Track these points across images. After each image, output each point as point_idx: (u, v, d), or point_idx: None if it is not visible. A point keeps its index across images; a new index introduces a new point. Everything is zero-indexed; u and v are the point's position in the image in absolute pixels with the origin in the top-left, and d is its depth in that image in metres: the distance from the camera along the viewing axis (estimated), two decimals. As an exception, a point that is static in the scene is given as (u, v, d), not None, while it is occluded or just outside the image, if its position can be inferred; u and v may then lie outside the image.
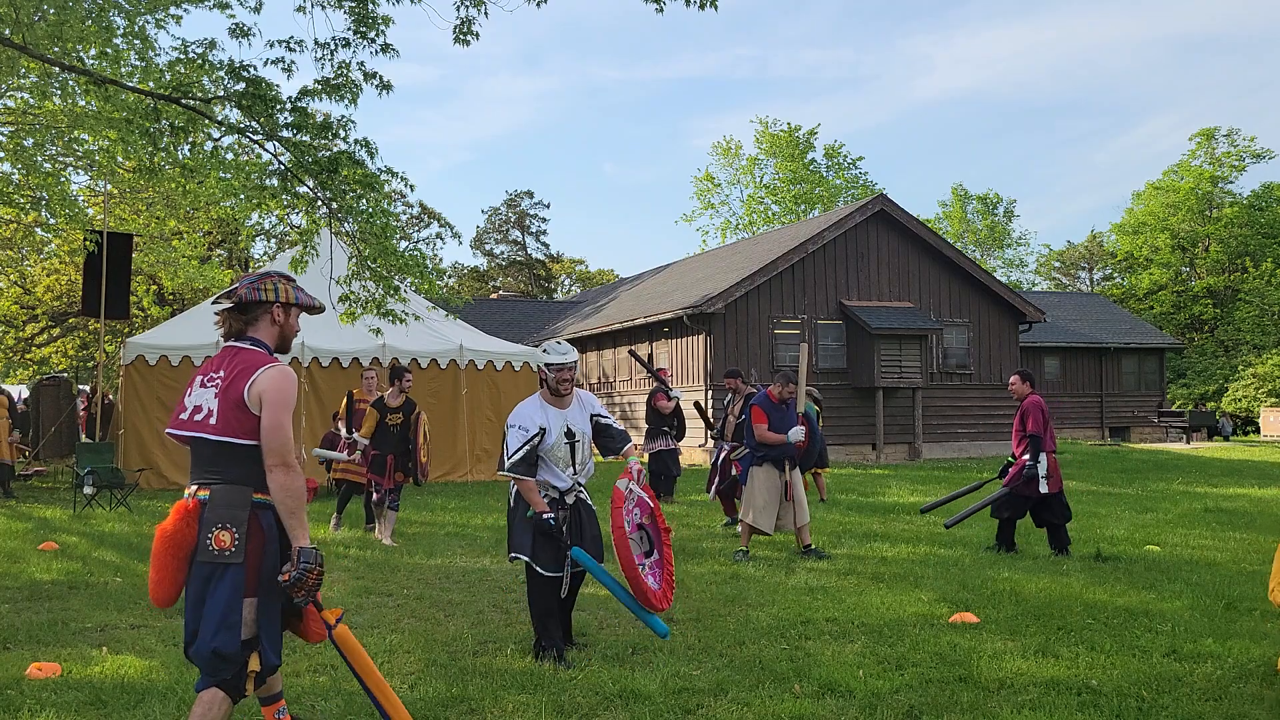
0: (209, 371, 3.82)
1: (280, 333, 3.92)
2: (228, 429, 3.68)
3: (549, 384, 5.77)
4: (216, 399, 3.72)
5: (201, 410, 3.74)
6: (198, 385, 3.81)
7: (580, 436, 5.75)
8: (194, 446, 3.77)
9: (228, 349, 3.85)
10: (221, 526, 3.61)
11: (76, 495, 13.39)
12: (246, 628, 3.61)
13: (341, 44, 9.92)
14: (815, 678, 5.18)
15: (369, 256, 11.23)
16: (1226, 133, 49.64)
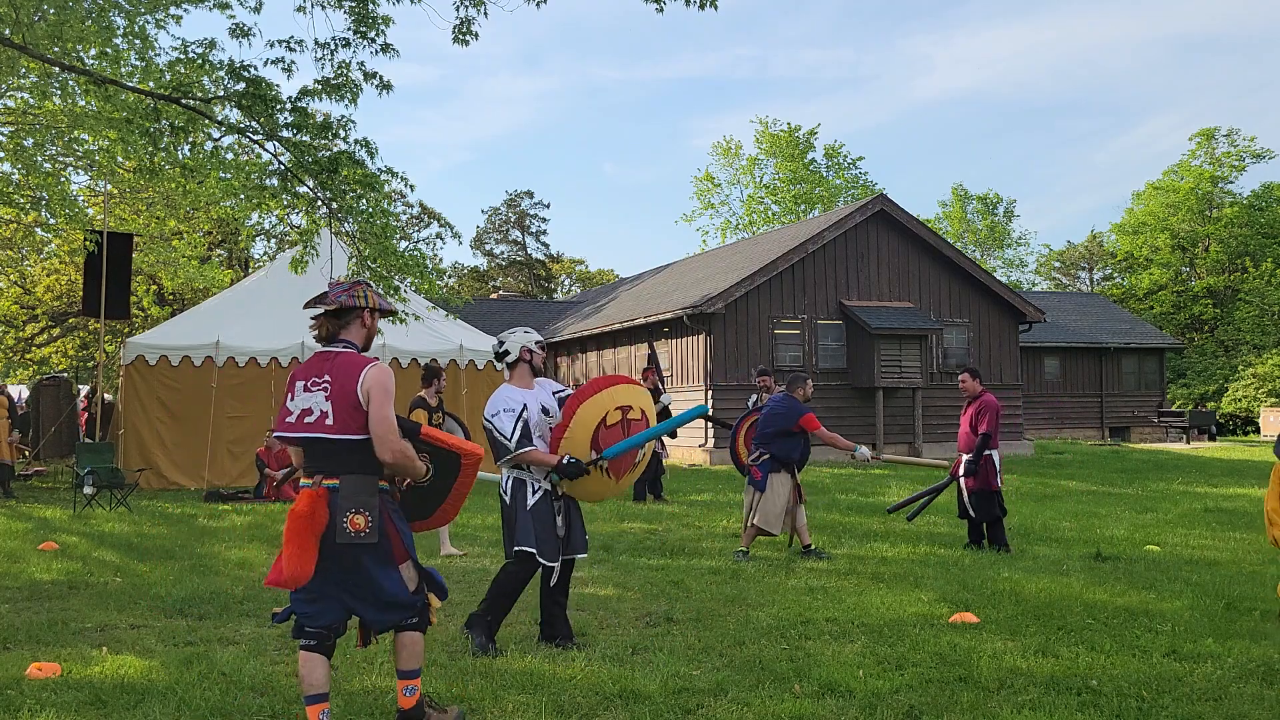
0: (310, 376, 4.23)
1: (366, 335, 4.40)
2: (345, 428, 4.14)
3: (533, 364, 5.95)
4: (329, 401, 4.15)
5: (313, 413, 4.17)
6: (301, 390, 4.22)
7: (554, 413, 5.92)
8: (308, 445, 4.20)
9: (324, 354, 4.28)
10: (355, 511, 4.09)
11: (76, 495, 13.39)
12: (411, 583, 4.31)
13: (341, 44, 9.93)
14: (815, 678, 5.18)
15: (369, 256, 11.24)
16: (1226, 133, 49.68)
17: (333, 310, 4.30)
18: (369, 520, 4.10)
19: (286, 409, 4.24)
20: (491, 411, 5.76)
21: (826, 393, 22.62)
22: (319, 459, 4.18)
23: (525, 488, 5.83)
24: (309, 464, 4.23)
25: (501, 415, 5.70)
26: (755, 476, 9.29)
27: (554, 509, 5.82)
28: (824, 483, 16.76)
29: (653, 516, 12.36)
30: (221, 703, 4.77)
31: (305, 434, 4.17)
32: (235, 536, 10.61)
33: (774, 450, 9.27)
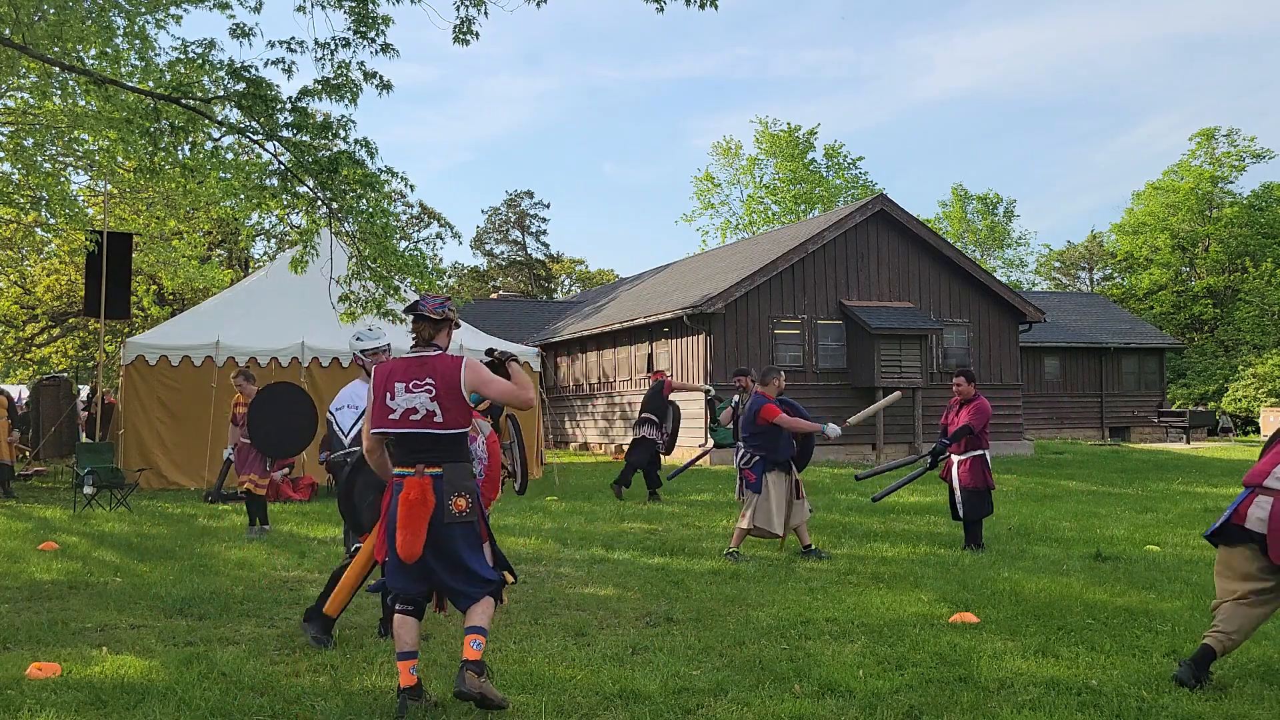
0: (410, 378, 4.75)
1: (449, 340, 5.04)
2: (454, 423, 4.73)
3: (367, 368, 6.11)
4: (435, 401, 4.70)
5: (418, 411, 4.70)
6: (402, 391, 4.73)
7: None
8: (411, 439, 4.71)
9: (420, 358, 4.83)
10: (459, 494, 4.70)
11: (76, 495, 13.39)
12: (490, 559, 4.94)
13: (341, 44, 9.92)
14: (815, 678, 5.18)
15: (369, 256, 11.24)
16: (1226, 133, 49.68)
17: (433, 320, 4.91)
18: (469, 502, 4.73)
19: (386, 406, 4.73)
20: (336, 405, 6.00)
21: (826, 393, 22.61)
22: (421, 451, 4.71)
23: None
24: (408, 456, 4.72)
25: (345, 411, 5.97)
26: (749, 479, 9.20)
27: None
28: (824, 483, 16.76)
29: (653, 516, 12.36)
30: (221, 703, 4.77)
31: (413, 430, 4.71)
32: (235, 536, 10.61)
33: (762, 450, 9.21)
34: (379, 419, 4.77)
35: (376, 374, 4.88)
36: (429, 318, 4.91)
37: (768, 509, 9.12)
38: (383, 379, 4.81)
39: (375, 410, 4.79)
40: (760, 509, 9.13)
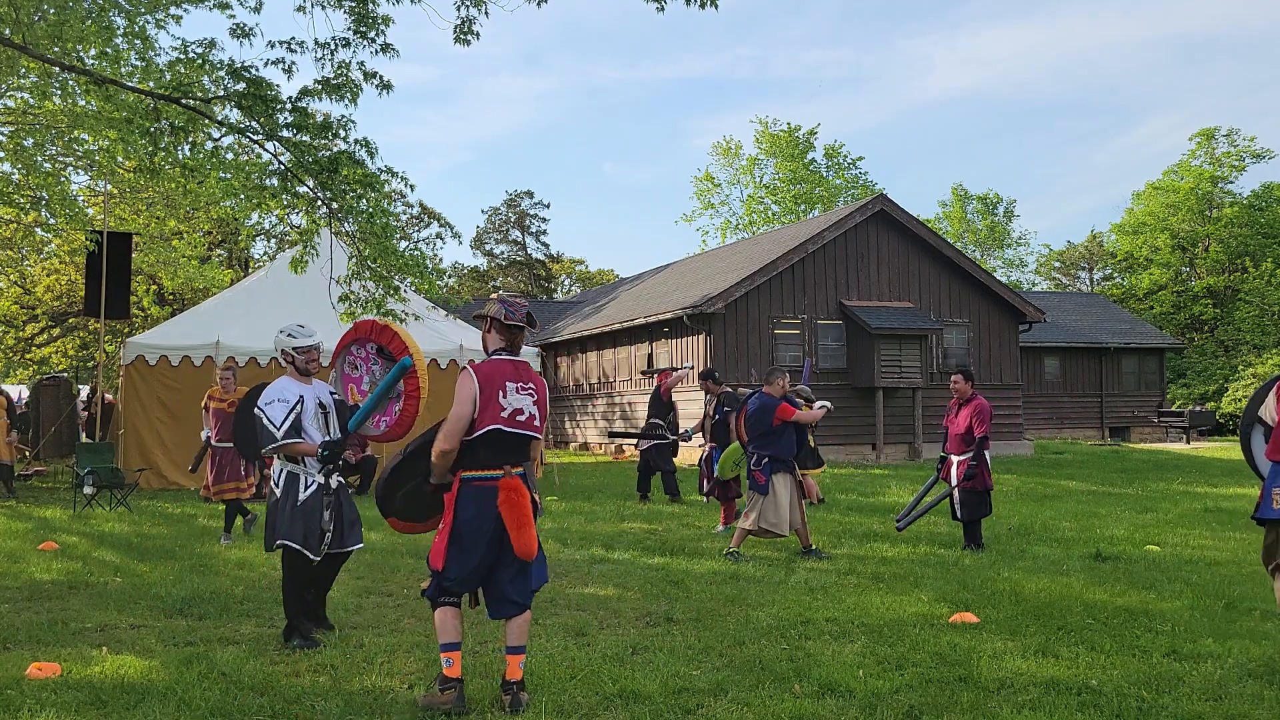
0: (519, 380, 4.87)
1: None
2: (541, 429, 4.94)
3: (297, 365, 6.16)
4: (535, 406, 4.87)
5: (524, 413, 4.83)
6: (513, 391, 4.82)
7: (329, 408, 6.13)
8: (510, 439, 4.80)
9: (521, 362, 4.95)
10: (534, 491, 4.90)
11: (76, 495, 13.39)
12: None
13: (341, 44, 9.93)
14: (815, 678, 5.18)
15: (369, 256, 11.23)
16: (1226, 133, 49.63)
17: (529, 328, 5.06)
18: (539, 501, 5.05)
19: (499, 404, 4.76)
20: (265, 400, 5.91)
21: (826, 393, 22.56)
22: (514, 452, 4.83)
23: (298, 481, 5.96)
24: (499, 456, 4.79)
25: (275, 405, 5.89)
26: (758, 480, 9.19)
27: (323, 503, 5.93)
28: (824, 483, 16.76)
29: (653, 516, 12.36)
30: (221, 703, 4.77)
31: (517, 430, 4.81)
32: (235, 536, 10.61)
33: (769, 451, 9.22)
34: (492, 416, 4.73)
35: (482, 372, 4.79)
36: (525, 327, 4.98)
37: (775, 509, 9.11)
38: (491, 378, 4.78)
39: (487, 407, 4.73)
40: (767, 509, 9.12)
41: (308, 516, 5.88)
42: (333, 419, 6.12)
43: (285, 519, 5.88)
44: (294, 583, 5.94)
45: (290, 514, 5.87)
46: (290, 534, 5.87)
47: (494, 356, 4.93)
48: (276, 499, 5.93)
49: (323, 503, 5.92)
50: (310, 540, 5.88)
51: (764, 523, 9.13)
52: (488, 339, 5.02)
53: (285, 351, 6.18)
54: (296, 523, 5.87)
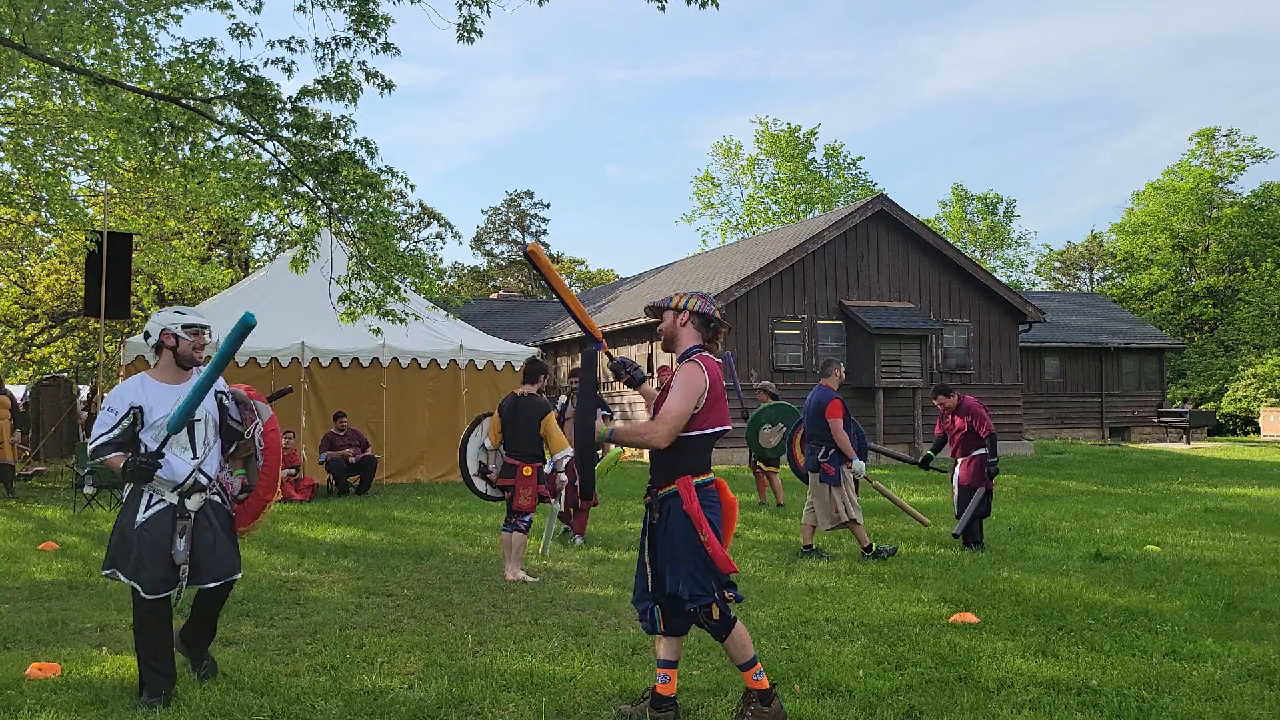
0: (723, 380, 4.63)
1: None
2: None
3: (180, 352, 4.96)
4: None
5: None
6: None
7: (202, 414, 4.87)
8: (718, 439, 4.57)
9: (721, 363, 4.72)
10: None
11: (76, 495, 13.39)
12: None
13: (342, 43, 9.94)
14: (815, 678, 5.18)
15: (369, 256, 11.24)
16: (1226, 133, 49.68)
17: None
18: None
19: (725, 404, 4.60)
20: (105, 404, 4.84)
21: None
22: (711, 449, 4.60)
23: (139, 499, 4.77)
24: (709, 456, 4.59)
25: (104, 414, 4.78)
26: (829, 472, 9.15)
27: (174, 527, 4.72)
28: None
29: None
30: (221, 703, 4.76)
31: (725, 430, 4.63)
32: (235, 536, 10.60)
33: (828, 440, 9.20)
34: (721, 414, 4.52)
35: (711, 368, 4.52)
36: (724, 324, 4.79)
37: (844, 500, 9.14)
38: (718, 375, 4.55)
39: (716, 404, 4.49)
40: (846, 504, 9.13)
41: (146, 543, 4.68)
42: (207, 429, 4.89)
43: (116, 543, 4.75)
44: (142, 623, 4.75)
45: (123, 538, 4.72)
46: (119, 562, 4.71)
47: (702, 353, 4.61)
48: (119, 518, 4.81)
49: (174, 526, 4.72)
50: (142, 570, 4.66)
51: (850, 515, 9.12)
52: (680, 333, 4.69)
53: (168, 333, 4.93)
54: (128, 550, 4.69)
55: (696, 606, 4.46)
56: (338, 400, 16.01)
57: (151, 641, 4.75)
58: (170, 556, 4.69)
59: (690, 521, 4.41)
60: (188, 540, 4.73)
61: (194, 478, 4.79)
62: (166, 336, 4.96)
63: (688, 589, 4.42)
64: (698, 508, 4.41)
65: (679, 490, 4.46)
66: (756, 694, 4.48)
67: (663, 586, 4.51)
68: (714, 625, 4.49)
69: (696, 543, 4.41)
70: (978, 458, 9.67)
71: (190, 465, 4.79)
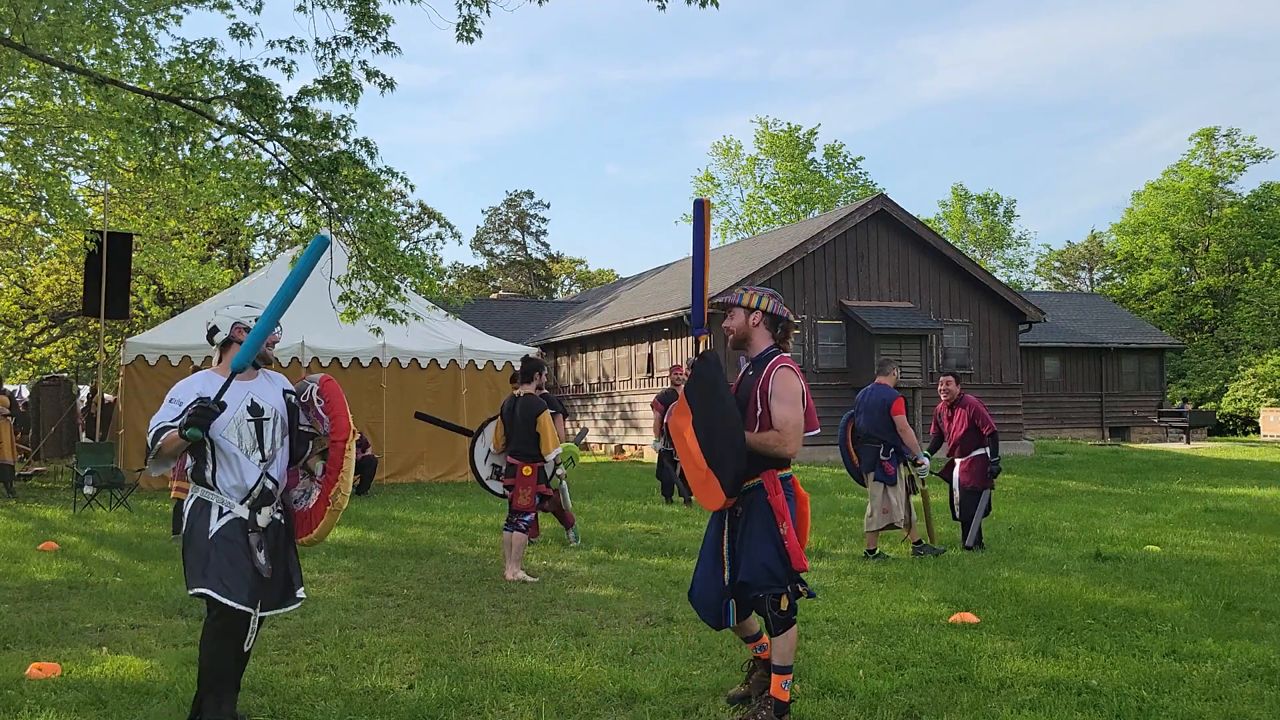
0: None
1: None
2: None
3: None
4: None
5: None
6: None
7: (271, 413, 4.45)
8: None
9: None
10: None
11: (76, 495, 13.39)
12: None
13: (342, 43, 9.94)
14: (815, 678, 5.18)
15: (369, 256, 11.24)
16: (1226, 133, 49.71)
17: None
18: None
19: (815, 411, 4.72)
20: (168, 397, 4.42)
21: (826, 393, 22.60)
22: None
23: (207, 511, 4.32)
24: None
25: (167, 405, 4.36)
26: (888, 471, 9.14)
27: (251, 540, 4.30)
28: (824, 483, 16.76)
29: (653, 517, 12.36)
30: (221, 703, 4.76)
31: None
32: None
33: (894, 443, 9.20)
34: (811, 420, 4.64)
35: (798, 372, 4.62)
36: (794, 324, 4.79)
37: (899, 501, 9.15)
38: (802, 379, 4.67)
39: (810, 409, 4.63)
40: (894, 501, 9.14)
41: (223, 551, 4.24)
42: (274, 429, 4.46)
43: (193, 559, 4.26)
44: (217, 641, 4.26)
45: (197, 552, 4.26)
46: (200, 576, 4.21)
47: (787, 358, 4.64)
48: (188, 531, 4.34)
49: (249, 540, 4.30)
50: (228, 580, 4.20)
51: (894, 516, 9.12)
52: (753, 334, 4.70)
53: (240, 327, 4.54)
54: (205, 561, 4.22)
55: (767, 595, 4.49)
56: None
57: (222, 668, 4.25)
58: (255, 570, 4.26)
59: (773, 513, 4.50)
60: (268, 554, 4.32)
61: (262, 483, 4.35)
62: (238, 331, 4.56)
63: (761, 577, 4.47)
64: (782, 500, 4.50)
65: (764, 483, 4.52)
66: (775, 703, 4.49)
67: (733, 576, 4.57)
68: (778, 616, 4.50)
69: (777, 534, 4.49)
70: (979, 458, 9.65)
71: (258, 470, 4.34)
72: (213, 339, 4.61)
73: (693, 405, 4.59)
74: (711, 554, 4.67)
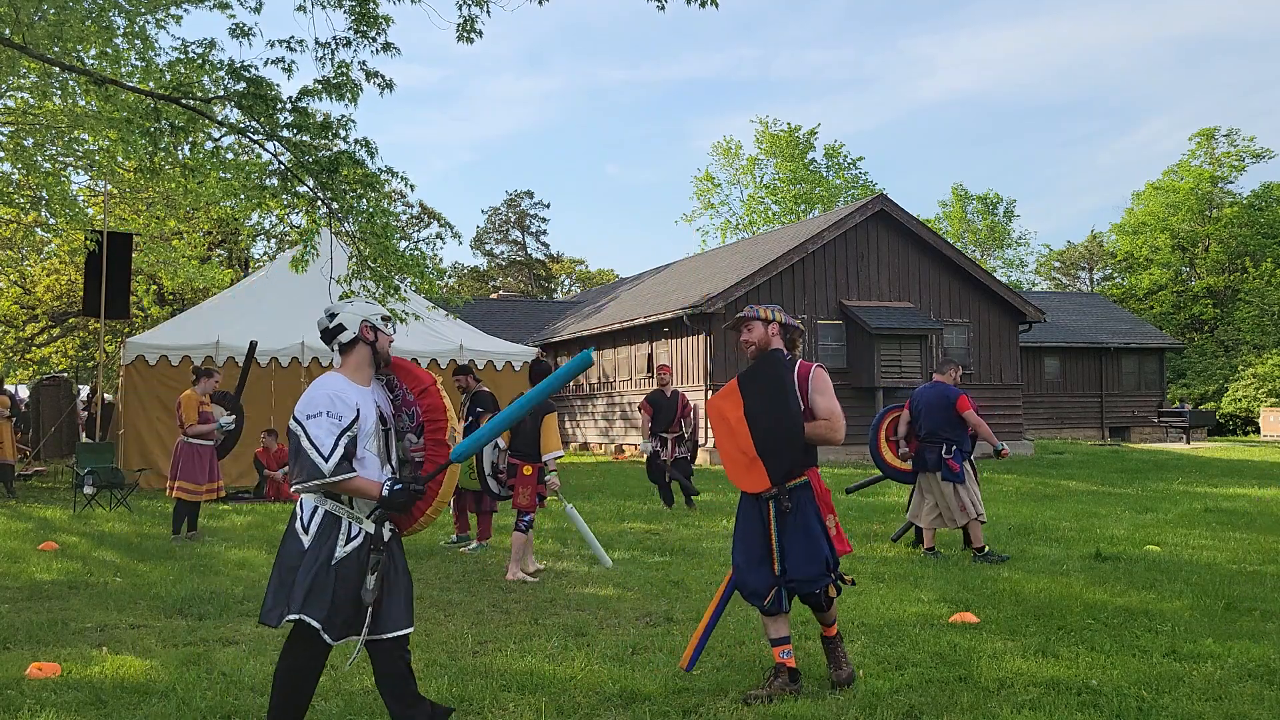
0: None
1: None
2: None
3: (378, 347, 4.17)
4: None
5: None
6: None
7: (390, 425, 4.19)
8: None
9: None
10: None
11: (76, 495, 13.39)
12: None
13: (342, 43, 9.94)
14: (815, 678, 5.18)
15: (369, 256, 11.24)
16: (1226, 133, 49.70)
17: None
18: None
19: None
20: (311, 409, 3.90)
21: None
22: None
23: (338, 528, 3.94)
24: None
25: (323, 420, 3.87)
26: (954, 469, 9.07)
27: (368, 562, 3.92)
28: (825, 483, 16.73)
29: (652, 517, 12.36)
30: (221, 703, 4.76)
31: None
32: (235, 536, 10.61)
33: (956, 440, 9.14)
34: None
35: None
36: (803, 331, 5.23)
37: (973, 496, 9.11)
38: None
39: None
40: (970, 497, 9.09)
41: (343, 580, 3.88)
42: (393, 439, 4.17)
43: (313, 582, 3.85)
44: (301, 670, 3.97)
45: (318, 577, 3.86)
46: (311, 604, 3.82)
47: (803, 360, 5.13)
48: (301, 547, 3.91)
49: (368, 562, 3.91)
50: (333, 617, 3.85)
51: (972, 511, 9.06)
52: (773, 343, 5.11)
53: (368, 325, 4.14)
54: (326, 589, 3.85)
55: (822, 589, 4.94)
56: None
57: (299, 696, 3.99)
58: (359, 596, 3.89)
59: (820, 509, 4.98)
60: (378, 578, 3.91)
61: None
62: (366, 330, 4.14)
63: (818, 572, 4.92)
64: (828, 496, 5.04)
65: (810, 480, 5.01)
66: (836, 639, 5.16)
67: (786, 570, 4.91)
68: (827, 600, 5.00)
69: (825, 529, 4.94)
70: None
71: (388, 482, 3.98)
72: (335, 337, 4.14)
73: (747, 395, 5.00)
74: (759, 545, 4.98)
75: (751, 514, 5.03)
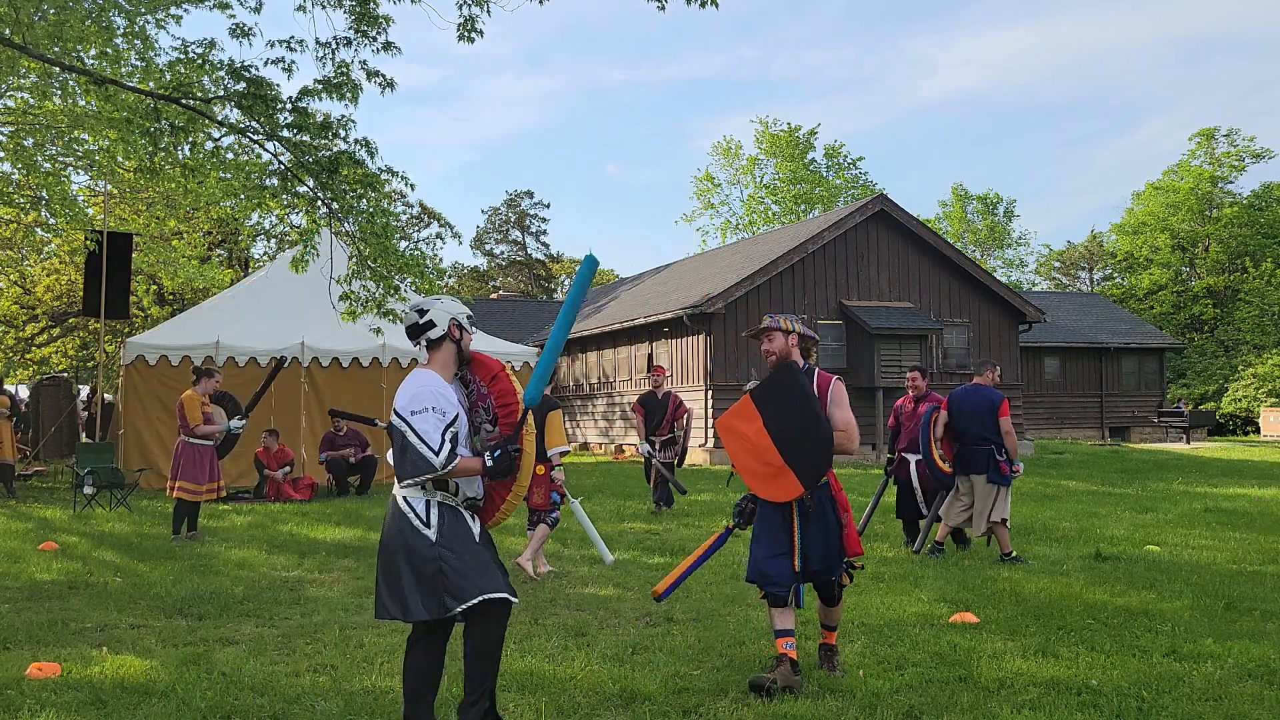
0: None
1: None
2: None
3: (463, 345, 4.24)
4: None
5: None
6: None
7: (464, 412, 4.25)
8: None
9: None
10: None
11: (76, 495, 13.39)
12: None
13: (342, 43, 9.94)
14: (815, 678, 5.18)
15: (369, 256, 11.24)
16: (1226, 133, 49.69)
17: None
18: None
19: None
20: (416, 405, 4.02)
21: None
22: None
23: (458, 514, 4.14)
24: None
25: (429, 415, 4.00)
26: (1005, 473, 8.98)
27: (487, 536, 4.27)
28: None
29: (653, 517, 12.36)
30: (221, 703, 4.76)
31: None
32: (235, 536, 10.61)
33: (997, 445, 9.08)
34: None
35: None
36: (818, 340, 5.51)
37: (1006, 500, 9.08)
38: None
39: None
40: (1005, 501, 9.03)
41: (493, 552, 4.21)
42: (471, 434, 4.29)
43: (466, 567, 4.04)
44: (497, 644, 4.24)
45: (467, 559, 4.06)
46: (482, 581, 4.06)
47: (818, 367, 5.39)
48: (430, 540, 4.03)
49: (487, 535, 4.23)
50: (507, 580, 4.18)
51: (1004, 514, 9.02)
52: (793, 353, 5.33)
53: (455, 323, 4.21)
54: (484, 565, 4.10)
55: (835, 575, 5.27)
56: (337, 400, 16.01)
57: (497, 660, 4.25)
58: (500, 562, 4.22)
59: (839, 507, 5.26)
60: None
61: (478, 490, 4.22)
62: (454, 327, 4.20)
63: (838, 564, 5.27)
64: (844, 495, 5.29)
65: (830, 481, 5.27)
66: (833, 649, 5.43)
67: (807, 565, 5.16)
68: (840, 590, 5.36)
69: (839, 522, 5.23)
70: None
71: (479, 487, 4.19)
72: (424, 333, 4.21)
73: (766, 408, 5.22)
74: (785, 541, 5.17)
75: (773, 514, 5.21)
